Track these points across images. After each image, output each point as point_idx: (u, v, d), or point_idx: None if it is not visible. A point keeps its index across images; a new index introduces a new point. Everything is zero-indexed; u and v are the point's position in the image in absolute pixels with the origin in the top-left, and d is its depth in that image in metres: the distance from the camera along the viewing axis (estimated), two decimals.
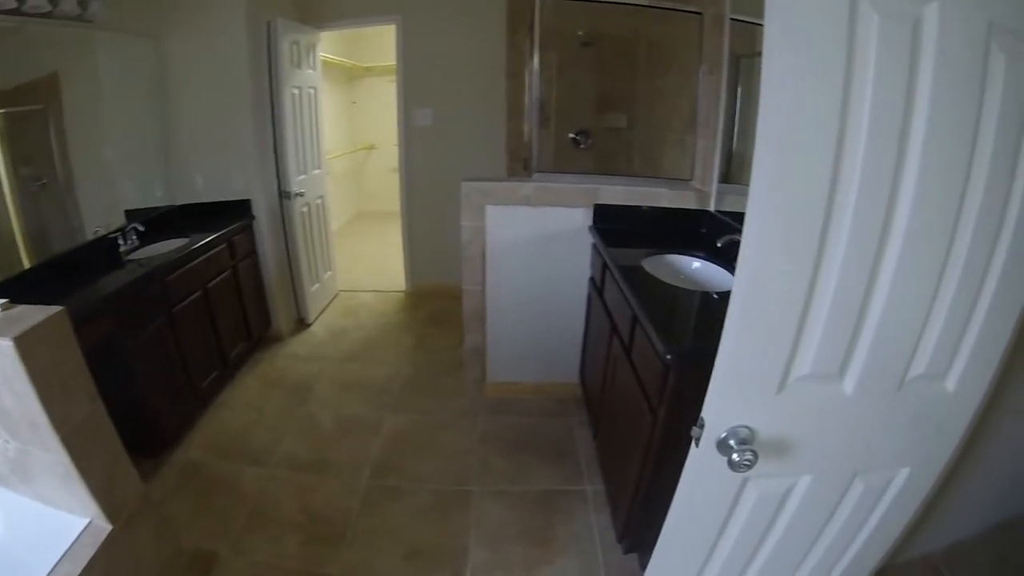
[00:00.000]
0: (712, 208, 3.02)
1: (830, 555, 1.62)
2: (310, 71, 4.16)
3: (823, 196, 1.01)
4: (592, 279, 3.05)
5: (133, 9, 3.12)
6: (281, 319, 4.04)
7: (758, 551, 1.53)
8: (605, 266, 2.68)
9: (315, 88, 4.26)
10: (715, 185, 2.98)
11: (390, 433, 3.08)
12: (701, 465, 1.26)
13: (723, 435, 1.19)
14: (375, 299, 4.92)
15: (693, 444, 1.25)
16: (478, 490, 2.68)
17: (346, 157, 7.08)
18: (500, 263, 3.10)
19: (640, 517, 2.08)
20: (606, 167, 3.49)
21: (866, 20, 0.93)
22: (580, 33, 3.36)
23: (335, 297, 4.86)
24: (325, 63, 4.96)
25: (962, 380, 1.32)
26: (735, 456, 1.14)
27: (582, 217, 3.05)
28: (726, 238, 2.50)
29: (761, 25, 2.33)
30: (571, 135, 3.49)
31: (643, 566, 2.25)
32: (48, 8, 2.53)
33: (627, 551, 2.30)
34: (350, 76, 7.15)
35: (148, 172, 3.50)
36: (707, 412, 1.20)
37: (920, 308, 1.18)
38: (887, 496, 1.52)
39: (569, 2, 3.17)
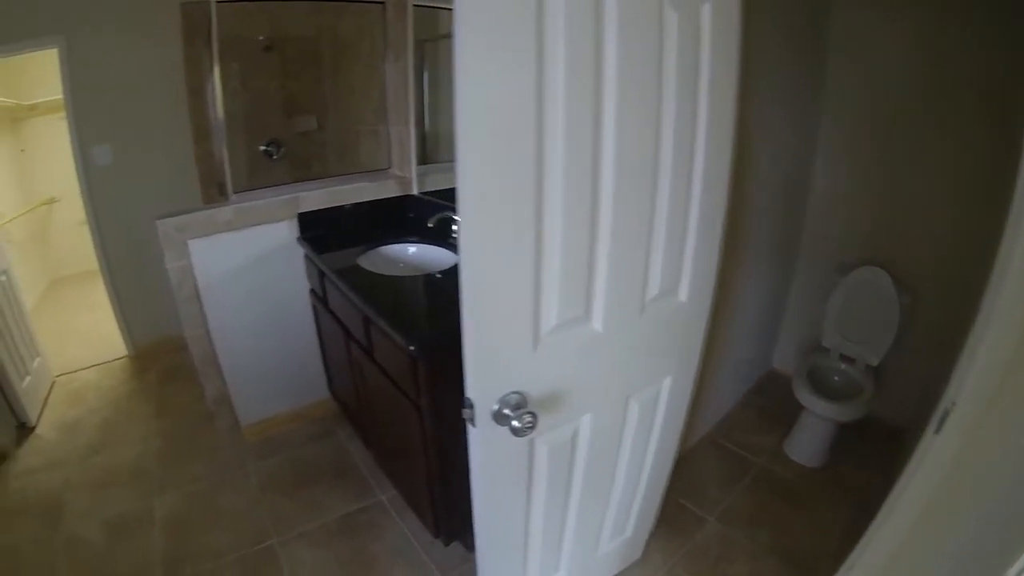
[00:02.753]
0: (415, 191, 3.06)
1: (632, 470, 1.74)
2: None
3: (532, 152, 1.02)
4: (313, 291, 2.92)
5: None
6: None
7: (570, 493, 1.58)
8: (322, 274, 2.56)
9: None
10: (414, 168, 3.00)
11: (166, 518, 2.69)
12: (484, 442, 1.23)
13: (495, 407, 1.17)
14: (98, 375, 4.26)
15: (469, 425, 1.21)
16: (279, 541, 2.46)
17: (24, 218, 5.86)
18: (218, 299, 2.82)
19: (445, 507, 2.05)
20: (303, 174, 3.33)
21: None
22: (261, 38, 3.14)
23: (52, 386, 4.11)
24: None
25: (691, 290, 1.48)
26: (515, 423, 1.13)
27: (288, 230, 2.89)
28: (437, 216, 2.51)
29: (440, 8, 2.35)
30: (262, 147, 3.27)
31: (468, 547, 2.25)
32: None
33: (448, 542, 2.25)
34: (13, 119, 5.87)
35: None
36: (471, 391, 1.16)
37: (641, 240, 1.28)
38: (660, 405, 1.66)
39: (247, 3, 2.92)
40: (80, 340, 4.89)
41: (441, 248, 2.55)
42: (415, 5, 2.73)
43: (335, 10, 3.08)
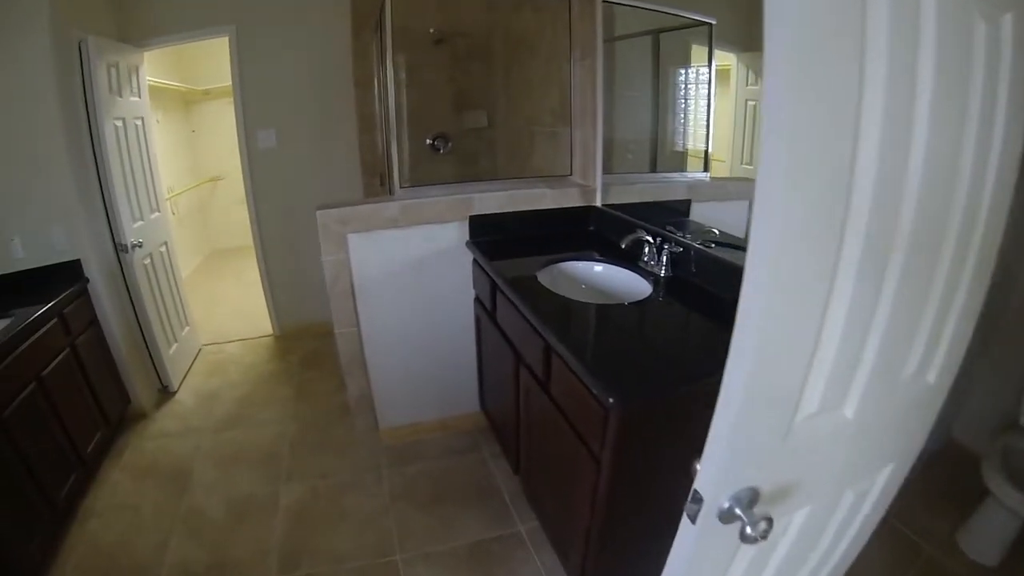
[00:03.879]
0: (599, 203, 2.84)
1: (820, 565, 1.52)
2: (134, 99, 3.54)
3: (842, 201, 0.81)
4: (479, 300, 2.77)
5: None
6: (141, 393, 3.44)
7: None
8: (494, 285, 2.40)
9: (142, 118, 3.64)
10: (599, 178, 2.80)
11: (290, 508, 2.68)
12: (700, 540, 1.02)
13: (726, 505, 0.96)
14: (242, 349, 4.43)
15: (685, 518, 1.01)
16: (404, 558, 2.37)
17: (191, 193, 6.41)
18: (372, 298, 2.75)
19: (596, 561, 1.84)
20: (470, 171, 3.25)
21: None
22: (431, 31, 3.09)
23: (198, 354, 4.30)
24: (157, 89, 4.33)
25: (941, 371, 1.26)
26: (748, 530, 0.92)
27: (457, 232, 2.76)
28: (630, 237, 2.28)
29: (621, 5, 2.13)
30: (428, 141, 3.20)
31: None
32: None
33: None
34: (187, 102, 6.48)
35: None
36: (703, 484, 0.96)
37: (913, 317, 1.07)
38: (872, 494, 1.43)
39: None
40: (229, 313, 5.15)
41: (631, 272, 2.32)
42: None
43: (512, 4, 2.97)
